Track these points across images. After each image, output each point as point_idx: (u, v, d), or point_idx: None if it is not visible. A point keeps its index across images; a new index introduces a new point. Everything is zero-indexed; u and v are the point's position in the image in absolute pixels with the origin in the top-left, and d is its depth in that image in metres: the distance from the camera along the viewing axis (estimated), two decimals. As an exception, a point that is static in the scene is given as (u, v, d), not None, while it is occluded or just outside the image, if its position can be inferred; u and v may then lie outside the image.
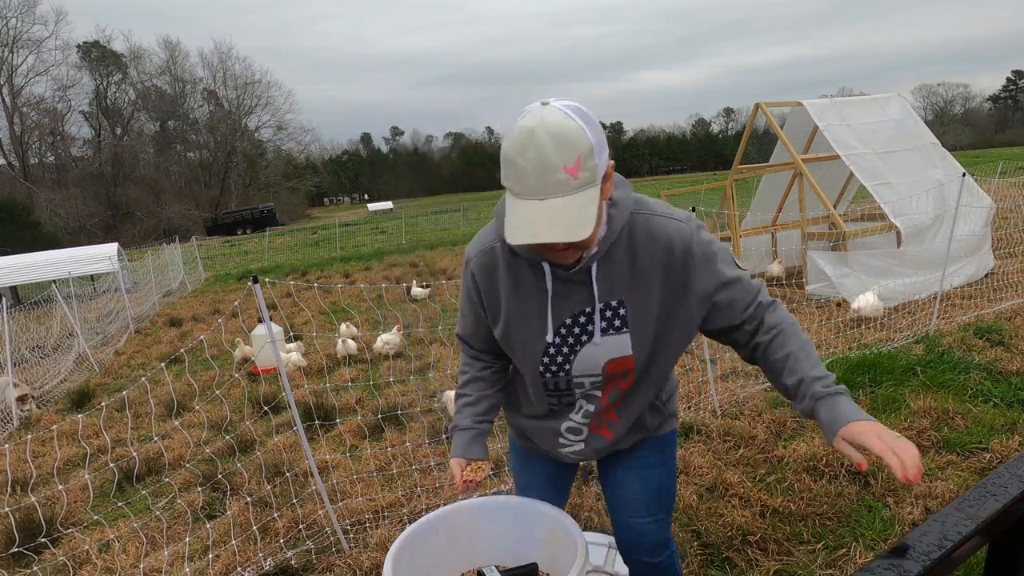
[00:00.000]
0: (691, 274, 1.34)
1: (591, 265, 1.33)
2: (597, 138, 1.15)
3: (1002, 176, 9.15)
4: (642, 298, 1.36)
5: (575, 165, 1.11)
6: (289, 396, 2.90)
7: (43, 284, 13.65)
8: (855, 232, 6.77)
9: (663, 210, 1.37)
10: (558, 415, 1.56)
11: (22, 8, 52.74)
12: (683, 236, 1.33)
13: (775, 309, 1.40)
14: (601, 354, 1.39)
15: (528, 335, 1.42)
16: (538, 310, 1.39)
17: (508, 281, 1.41)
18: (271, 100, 69.97)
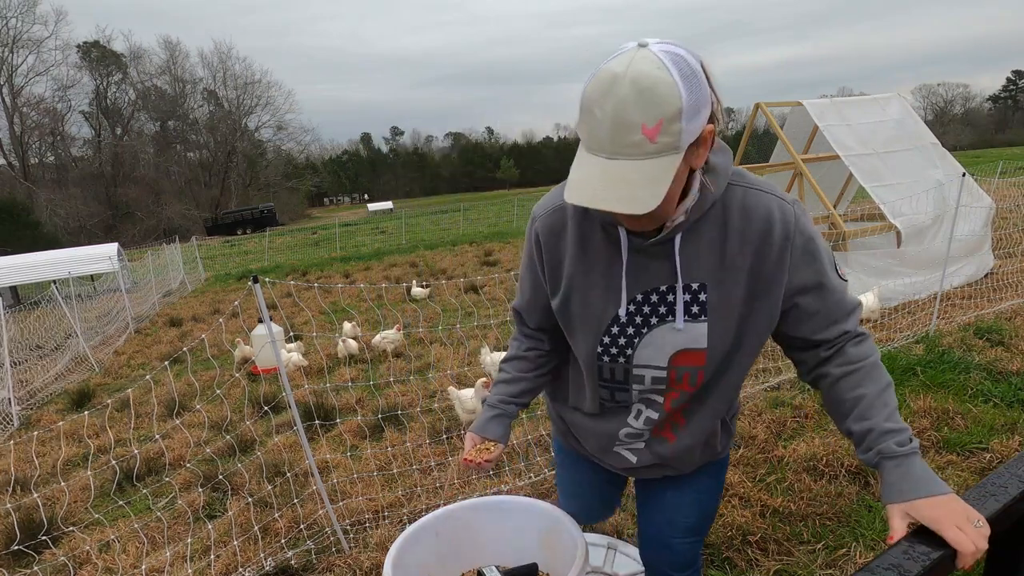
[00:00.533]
0: (785, 265, 1.15)
1: (675, 236, 1.14)
2: (694, 97, 0.94)
3: (1002, 176, 9.16)
4: (728, 284, 1.17)
5: (655, 127, 0.93)
6: (289, 396, 2.90)
7: (43, 284, 13.65)
8: (855, 232, 6.77)
9: (766, 185, 1.17)
10: (611, 416, 1.39)
11: (22, 8, 52.82)
12: (785, 218, 1.13)
13: (862, 342, 1.21)
14: (671, 342, 1.21)
15: (591, 308, 1.25)
16: (606, 279, 1.22)
17: (575, 244, 1.24)
18: (271, 100, 70.07)
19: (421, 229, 26.43)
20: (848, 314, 1.21)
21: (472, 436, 1.44)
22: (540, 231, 1.28)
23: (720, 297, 1.18)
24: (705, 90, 0.96)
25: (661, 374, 1.25)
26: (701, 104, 0.96)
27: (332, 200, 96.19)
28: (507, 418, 1.46)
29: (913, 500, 0.99)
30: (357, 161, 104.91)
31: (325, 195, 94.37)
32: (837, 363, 1.19)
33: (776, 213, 1.13)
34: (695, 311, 1.19)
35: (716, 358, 1.23)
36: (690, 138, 0.97)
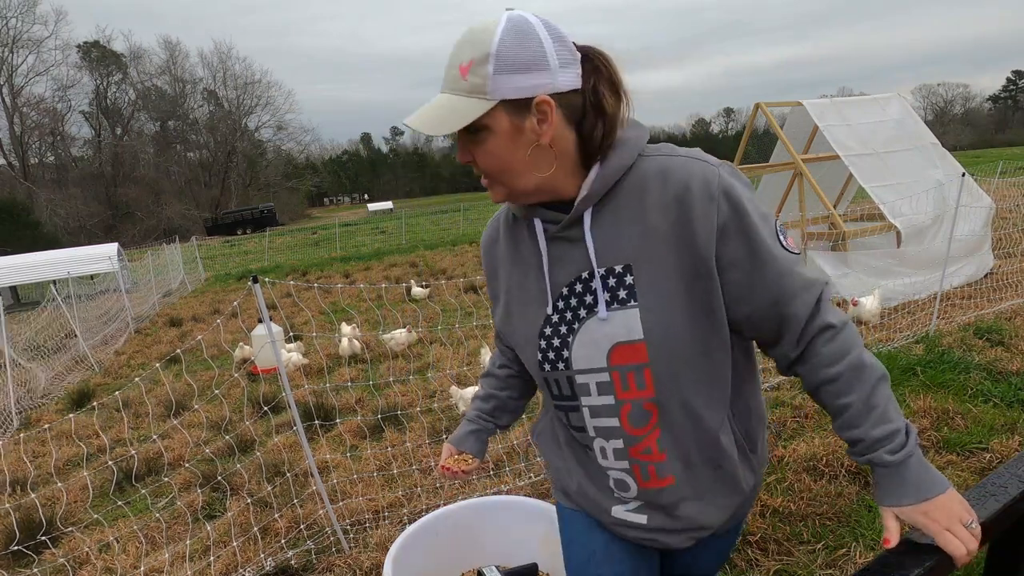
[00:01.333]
0: (712, 231, 1.01)
1: (583, 213, 1.07)
2: (513, 51, 0.97)
3: (1002, 176, 9.16)
4: (655, 262, 1.04)
5: (467, 65, 0.99)
6: (289, 396, 2.90)
7: (43, 284, 13.65)
8: (855, 232, 6.77)
9: (688, 151, 1.06)
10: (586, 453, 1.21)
11: (22, 8, 52.86)
12: (707, 178, 1.01)
13: (835, 337, 1.03)
14: (603, 336, 1.07)
15: (528, 312, 1.17)
16: (536, 279, 1.14)
17: (508, 250, 1.21)
18: (271, 100, 70.11)
19: (421, 229, 26.44)
20: (796, 294, 1.03)
21: (448, 447, 1.42)
22: (482, 245, 1.30)
23: (649, 277, 1.04)
24: (536, 54, 0.98)
25: (604, 378, 1.09)
26: (525, 64, 0.97)
27: (332, 200, 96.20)
28: (484, 433, 1.42)
29: (904, 506, 0.98)
30: (357, 161, 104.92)
31: (325, 195, 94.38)
32: (810, 367, 1.05)
33: (697, 174, 1.02)
34: (622, 296, 1.06)
35: (662, 351, 1.04)
36: (503, 89, 0.98)
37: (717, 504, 1.17)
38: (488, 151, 1.04)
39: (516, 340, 1.22)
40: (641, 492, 1.16)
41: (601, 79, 1.03)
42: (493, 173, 1.07)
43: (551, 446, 1.32)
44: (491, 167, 1.06)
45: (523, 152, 1.03)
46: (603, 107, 1.03)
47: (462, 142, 1.07)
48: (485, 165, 1.06)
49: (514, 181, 1.06)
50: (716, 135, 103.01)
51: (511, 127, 1.01)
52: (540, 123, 1.01)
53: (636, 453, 1.12)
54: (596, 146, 1.04)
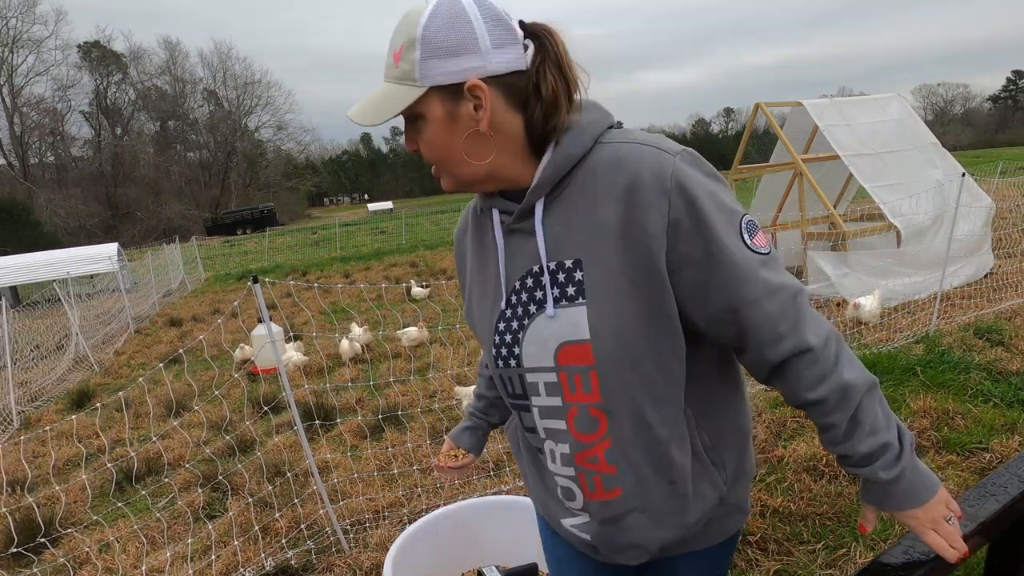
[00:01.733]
0: (662, 226, 0.93)
1: (534, 204, 1.01)
2: (436, 35, 0.93)
3: (1002, 176, 9.16)
4: (603, 256, 0.97)
5: (399, 51, 0.96)
6: (289, 396, 2.90)
7: (43, 284, 13.65)
8: (855, 232, 6.77)
9: (647, 138, 0.98)
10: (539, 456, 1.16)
11: (22, 8, 52.86)
12: (660, 167, 0.93)
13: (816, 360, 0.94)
14: (552, 333, 1.01)
15: (485, 306, 1.12)
16: (494, 272, 1.10)
17: (474, 241, 1.16)
18: (271, 100, 70.14)
19: (421, 229, 26.44)
20: (757, 301, 0.93)
21: (448, 442, 1.43)
22: (454, 235, 1.25)
23: (598, 274, 0.97)
24: (464, 36, 0.93)
25: (552, 377, 1.03)
26: (453, 47, 0.93)
27: (332, 200, 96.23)
28: (477, 430, 1.43)
29: (889, 510, 0.98)
30: (357, 161, 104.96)
31: (325, 195, 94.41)
32: (790, 389, 0.98)
33: (649, 163, 0.94)
34: (571, 292, 0.99)
35: (608, 353, 0.97)
36: (432, 75, 0.94)
37: (668, 522, 1.07)
38: (427, 139, 1.00)
39: (477, 334, 1.17)
40: (587, 503, 1.09)
41: (547, 59, 0.97)
42: (435, 161, 1.03)
43: (515, 447, 1.29)
44: (432, 155, 1.02)
45: (459, 139, 0.98)
46: (540, 89, 0.96)
47: (407, 130, 1.03)
48: (426, 153, 1.03)
49: (456, 169, 1.02)
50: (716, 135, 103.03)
51: (445, 114, 0.97)
52: (476, 108, 0.96)
53: (582, 460, 1.05)
54: (539, 130, 0.98)
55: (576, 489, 1.09)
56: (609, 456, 1.03)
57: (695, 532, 1.12)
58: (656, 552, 1.11)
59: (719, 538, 1.16)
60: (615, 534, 1.10)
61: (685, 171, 0.93)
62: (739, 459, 1.13)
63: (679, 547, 1.14)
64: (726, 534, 1.17)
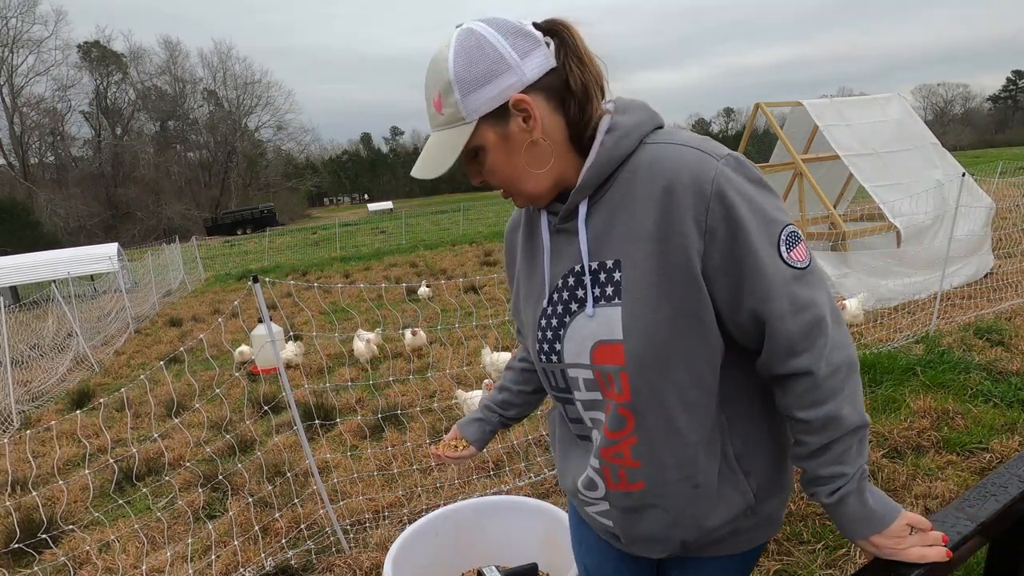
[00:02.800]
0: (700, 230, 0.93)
1: (578, 204, 1.04)
2: (466, 70, 0.96)
3: (1002, 176, 9.16)
4: (638, 257, 0.98)
5: (438, 99, 1.00)
6: (289, 396, 2.90)
7: (43, 284, 13.66)
8: (855, 232, 6.77)
9: (691, 139, 0.98)
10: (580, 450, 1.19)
11: (22, 8, 52.86)
12: (701, 171, 0.93)
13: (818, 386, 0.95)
14: (590, 332, 1.03)
15: (531, 303, 1.16)
16: (540, 270, 1.14)
17: (524, 238, 1.19)
18: (271, 100, 70.14)
19: (421, 229, 26.44)
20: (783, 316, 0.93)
21: (454, 431, 1.45)
22: (506, 232, 1.29)
23: (634, 276, 0.98)
24: (492, 60, 0.96)
25: (589, 375, 1.05)
26: (485, 75, 0.96)
27: (332, 200, 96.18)
28: (486, 424, 1.44)
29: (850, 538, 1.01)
30: (357, 161, 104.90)
31: (325, 195, 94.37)
32: (785, 402, 1.00)
33: (689, 166, 0.94)
34: (609, 292, 1.01)
35: (639, 354, 0.98)
36: (477, 107, 0.98)
37: (688, 523, 1.08)
38: (491, 168, 1.04)
39: (523, 329, 1.21)
40: (609, 493, 1.11)
41: (569, 52, 1.00)
42: (504, 184, 1.06)
43: (552, 435, 1.33)
44: (499, 180, 1.06)
45: (519, 155, 1.02)
46: (570, 83, 1.00)
47: (469, 168, 1.07)
48: (495, 181, 1.07)
49: (524, 186, 1.05)
50: (716, 135, 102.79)
51: (498, 137, 1.00)
52: (525, 120, 0.99)
53: (608, 455, 1.08)
54: (578, 125, 1.02)
55: (599, 480, 1.11)
56: (635, 452, 1.05)
57: (719, 538, 1.11)
58: (677, 549, 1.12)
59: (745, 547, 1.16)
60: (636, 523, 1.11)
61: (728, 176, 0.93)
62: (773, 471, 1.11)
63: (703, 549, 1.14)
64: (753, 543, 1.16)
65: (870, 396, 3.92)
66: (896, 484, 2.96)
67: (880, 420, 3.59)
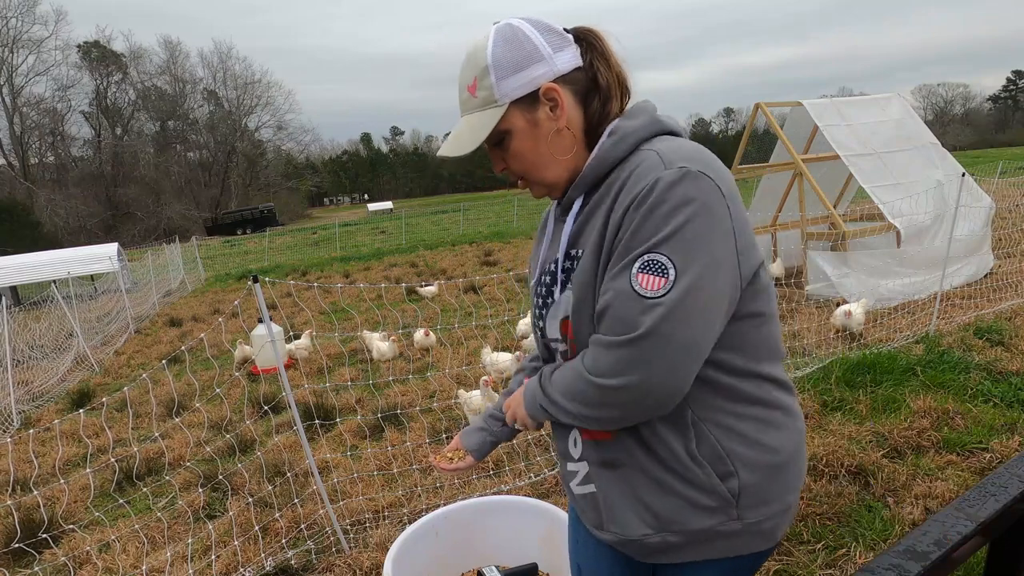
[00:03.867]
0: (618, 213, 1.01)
1: (575, 199, 1.13)
2: (508, 56, 1.06)
3: (1002, 176, 9.17)
4: (590, 246, 1.07)
5: (473, 84, 1.09)
6: (289, 396, 2.90)
7: (43, 284, 13.66)
8: (855, 232, 6.77)
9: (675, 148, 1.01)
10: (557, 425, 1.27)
11: (22, 8, 52.85)
12: (650, 169, 0.99)
13: (601, 356, 1.00)
14: (558, 311, 1.15)
15: (531, 282, 1.30)
16: (539, 252, 1.27)
17: (541, 227, 1.32)
18: (271, 100, 70.09)
19: (421, 229, 26.44)
20: (606, 335, 1.00)
21: (456, 439, 1.48)
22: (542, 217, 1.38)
23: (583, 262, 1.08)
24: (528, 50, 1.06)
25: (563, 347, 1.16)
26: (521, 62, 1.06)
27: (332, 200, 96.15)
28: (488, 434, 1.44)
29: None
30: (357, 161, 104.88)
31: (325, 195, 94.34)
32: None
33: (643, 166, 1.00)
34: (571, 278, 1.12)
35: (575, 329, 1.09)
36: (510, 91, 1.07)
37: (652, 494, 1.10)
38: (515, 153, 1.12)
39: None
40: (584, 448, 1.16)
41: (595, 54, 1.10)
42: (526, 172, 1.14)
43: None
44: (521, 166, 1.13)
45: (545, 143, 1.10)
46: (598, 80, 1.09)
47: (493, 154, 1.15)
48: (517, 167, 1.14)
49: (545, 173, 1.13)
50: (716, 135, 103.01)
51: (527, 123, 1.09)
52: (552, 109, 1.08)
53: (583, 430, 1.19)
54: (596, 122, 1.11)
55: (578, 438, 1.18)
56: None
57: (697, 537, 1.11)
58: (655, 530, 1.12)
59: (729, 553, 1.14)
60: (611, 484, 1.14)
61: (666, 181, 0.96)
62: (761, 479, 1.10)
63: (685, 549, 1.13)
64: (736, 551, 1.13)
65: (870, 396, 3.92)
66: (896, 484, 2.96)
67: (880, 420, 3.59)
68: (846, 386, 4.10)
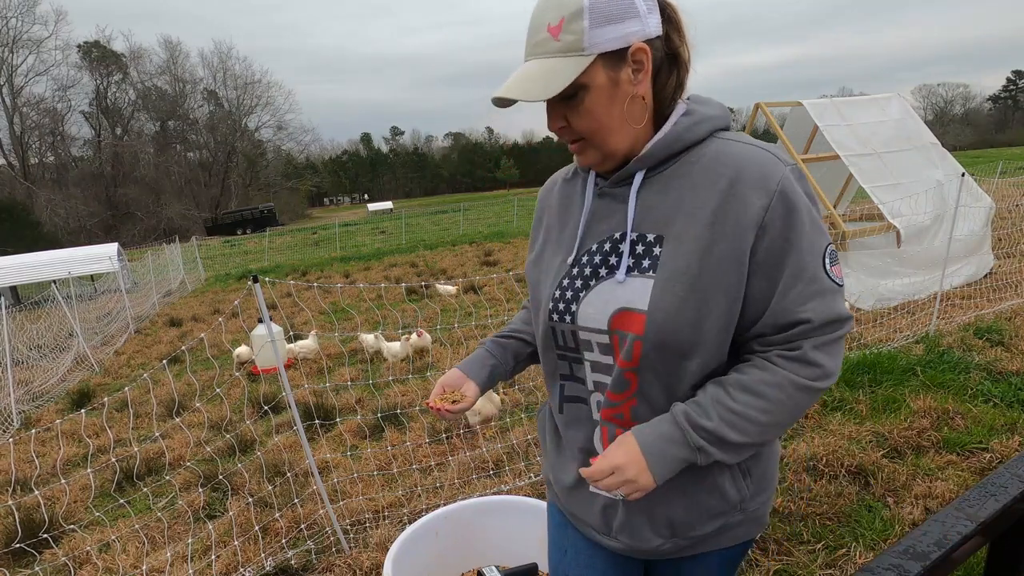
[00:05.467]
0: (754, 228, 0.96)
1: (635, 172, 1.04)
2: (601, 2, 0.95)
3: (1002, 176, 9.17)
4: (687, 240, 0.99)
5: (558, 25, 0.96)
6: (289, 396, 2.90)
7: (43, 284, 13.66)
8: (855, 232, 6.77)
9: (759, 142, 1.02)
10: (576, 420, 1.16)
11: (22, 8, 52.93)
12: (770, 165, 0.97)
13: (787, 361, 0.98)
14: (614, 298, 1.04)
15: (555, 260, 1.15)
16: (573, 230, 1.13)
17: (558, 201, 1.20)
18: (271, 100, 70.20)
19: (421, 229, 26.44)
20: (816, 321, 0.97)
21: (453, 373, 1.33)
22: (540, 194, 1.29)
23: (676, 253, 1.00)
24: (625, 4, 0.95)
25: (605, 339, 1.06)
26: (618, 13, 0.95)
27: (332, 200, 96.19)
28: (490, 358, 1.34)
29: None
30: (357, 161, 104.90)
31: (325, 195, 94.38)
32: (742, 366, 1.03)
33: (758, 162, 0.97)
34: (645, 265, 1.02)
35: (657, 328, 0.99)
36: (601, 42, 0.95)
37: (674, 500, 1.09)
38: (586, 111, 0.99)
39: (537, 285, 1.19)
40: None
41: (672, 27, 1.01)
42: (589, 133, 1.02)
43: (542, 431, 1.31)
44: (588, 126, 1.01)
45: (620, 107, 1.00)
46: (679, 55, 1.01)
47: (554, 108, 1.02)
48: (581, 127, 1.01)
49: (609, 140, 1.02)
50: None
51: (608, 81, 0.98)
52: (635, 72, 0.98)
53: (608, 416, 1.10)
54: (668, 98, 1.03)
55: (599, 445, 1.13)
56: (634, 413, 1.07)
57: (705, 535, 1.12)
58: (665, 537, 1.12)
59: (730, 543, 1.16)
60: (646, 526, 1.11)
61: (792, 182, 0.97)
62: (764, 468, 1.13)
63: (688, 548, 1.14)
64: (737, 540, 1.16)
65: (870, 396, 3.92)
66: (896, 484, 2.96)
67: (880, 420, 3.59)
68: (846, 386, 4.10)
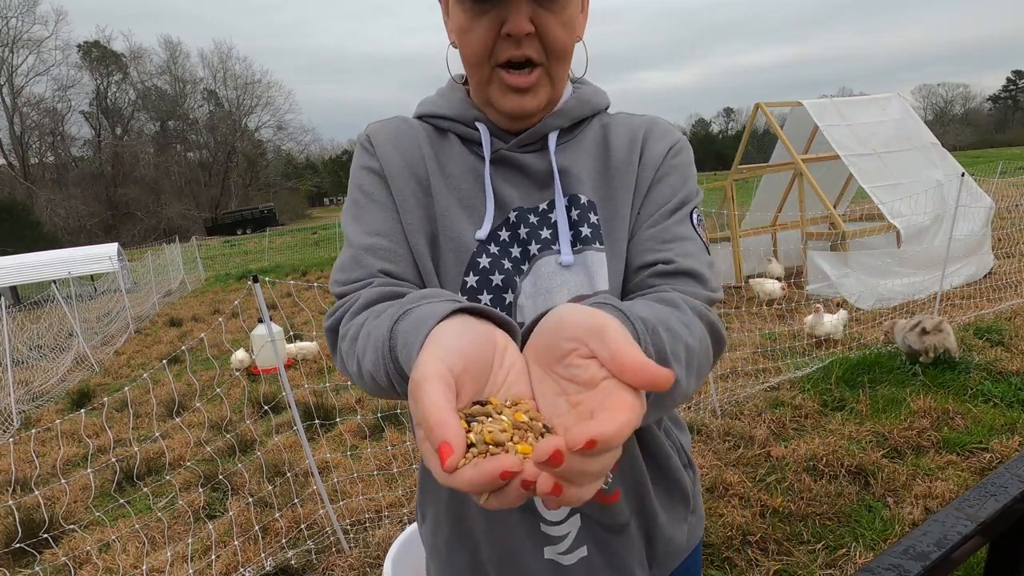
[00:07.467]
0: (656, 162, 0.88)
1: (549, 132, 0.87)
2: None
3: (1002, 176, 9.16)
4: (617, 200, 0.86)
5: None
6: (289, 396, 2.90)
7: (43, 284, 13.66)
8: (855, 232, 6.77)
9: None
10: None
11: (22, 8, 52.85)
12: (671, 126, 0.92)
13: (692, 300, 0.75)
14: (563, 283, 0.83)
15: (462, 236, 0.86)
16: (469, 199, 0.87)
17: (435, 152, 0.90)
18: (271, 100, 70.05)
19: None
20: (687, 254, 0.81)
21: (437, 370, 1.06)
22: (376, 139, 0.91)
23: (610, 218, 0.85)
24: None
25: None
26: None
27: (332, 200, 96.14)
28: None
29: None
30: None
31: (325, 195, 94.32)
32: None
33: (661, 123, 0.91)
34: (586, 234, 0.84)
35: None
36: None
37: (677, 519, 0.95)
38: (568, 19, 0.81)
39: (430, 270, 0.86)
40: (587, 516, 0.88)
41: None
42: (556, 56, 0.81)
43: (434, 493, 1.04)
44: (560, 46, 0.81)
45: (574, 38, 0.84)
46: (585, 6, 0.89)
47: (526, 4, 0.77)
48: (556, 41, 0.80)
49: (562, 76, 0.85)
50: (716, 135, 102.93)
51: (578, 7, 0.85)
52: (581, 15, 0.86)
53: None
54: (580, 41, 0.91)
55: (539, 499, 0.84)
56: None
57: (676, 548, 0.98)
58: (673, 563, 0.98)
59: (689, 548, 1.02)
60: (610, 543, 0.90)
61: (687, 145, 0.92)
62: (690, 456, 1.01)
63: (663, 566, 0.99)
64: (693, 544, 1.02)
65: (870, 396, 3.92)
66: (896, 484, 2.96)
67: (880, 420, 3.59)
68: (846, 386, 4.10)
